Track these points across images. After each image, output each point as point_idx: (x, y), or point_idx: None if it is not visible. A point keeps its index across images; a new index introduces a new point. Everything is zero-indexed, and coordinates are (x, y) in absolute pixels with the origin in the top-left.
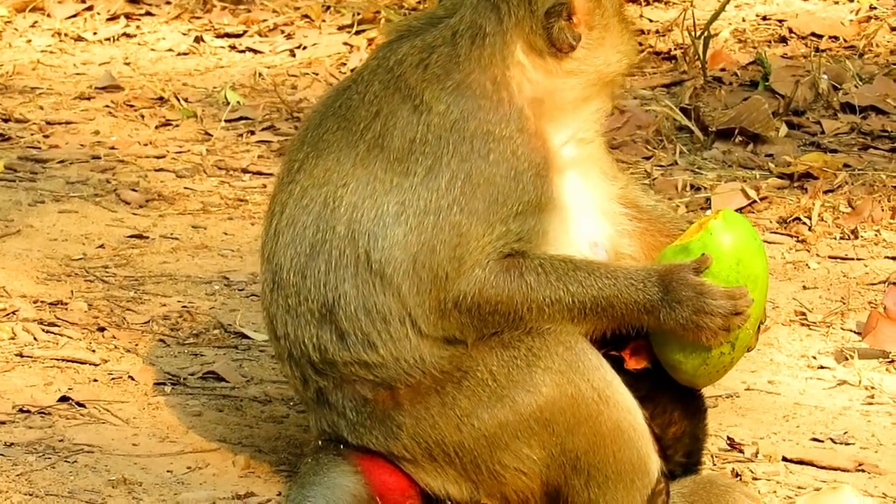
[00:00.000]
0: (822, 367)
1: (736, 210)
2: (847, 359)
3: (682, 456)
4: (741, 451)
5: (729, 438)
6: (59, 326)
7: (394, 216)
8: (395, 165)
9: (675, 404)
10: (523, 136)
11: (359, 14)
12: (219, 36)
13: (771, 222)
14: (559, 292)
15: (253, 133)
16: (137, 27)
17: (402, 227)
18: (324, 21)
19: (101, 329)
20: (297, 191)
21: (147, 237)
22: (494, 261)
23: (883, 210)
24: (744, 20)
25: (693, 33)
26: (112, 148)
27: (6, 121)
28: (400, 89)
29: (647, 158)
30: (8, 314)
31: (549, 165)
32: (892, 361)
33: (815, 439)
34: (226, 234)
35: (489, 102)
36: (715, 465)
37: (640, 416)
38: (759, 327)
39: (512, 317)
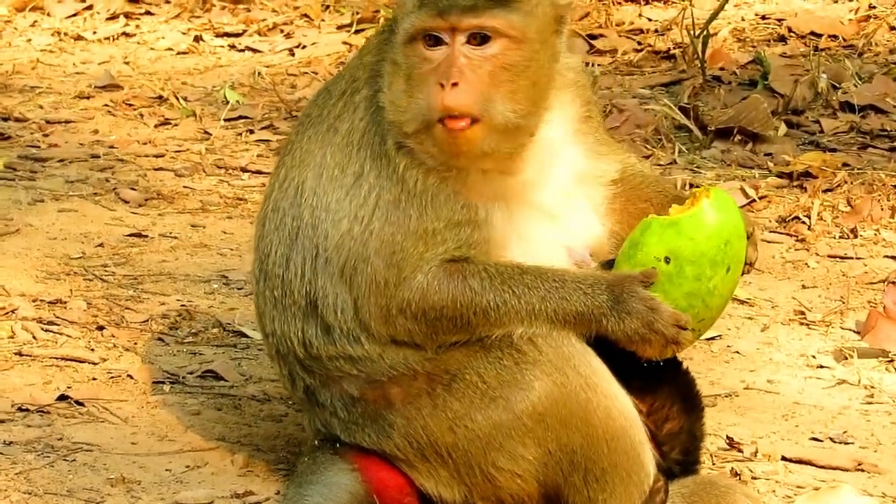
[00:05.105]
0: (821, 367)
1: None
2: (846, 358)
3: (679, 454)
4: (740, 451)
5: (728, 438)
6: (58, 325)
7: (333, 212)
8: (336, 154)
9: (674, 397)
10: (417, 167)
11: (358, 13)
12: (218, 35)
13: (770, 221)
14: (505, 295)
15: (252, 132)
16: (137, 26)
17: (339, 227)
18: (323, 20)
19: (100, 328)
20: (282, 173)
21: (146, 236)
22: (437, 266)
23: (882, 209)
24: (743, 19)
25: (692, 32)
26: (111, 147)
27: (6, 120)
28: (371, 72)
29: (647, 157)
30: (7, 313)
31: (467, 190)
32: (892, 360)
33: (814, 438)
34: (225, 232)
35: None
36: (714, 464)
37: (629, 402)
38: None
39: (459, 322)
